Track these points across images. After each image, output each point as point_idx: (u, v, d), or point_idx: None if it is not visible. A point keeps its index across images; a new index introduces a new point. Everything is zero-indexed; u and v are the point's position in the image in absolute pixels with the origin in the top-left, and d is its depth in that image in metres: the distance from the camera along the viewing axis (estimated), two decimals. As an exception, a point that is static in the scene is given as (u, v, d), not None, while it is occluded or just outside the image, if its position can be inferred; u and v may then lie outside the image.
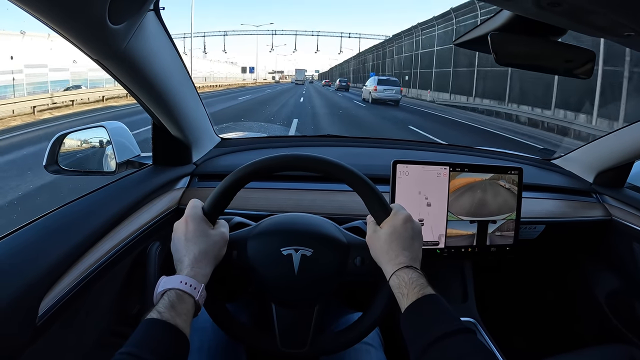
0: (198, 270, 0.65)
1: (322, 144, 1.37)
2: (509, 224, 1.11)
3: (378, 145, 1.43)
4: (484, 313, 1.26)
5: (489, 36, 0.87)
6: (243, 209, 1.05)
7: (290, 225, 0.79)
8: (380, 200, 0.73)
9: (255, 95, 24.78)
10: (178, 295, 0.61)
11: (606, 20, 0.64)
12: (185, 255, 0.67)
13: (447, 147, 1.50)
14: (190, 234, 0.68)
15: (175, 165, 1.13)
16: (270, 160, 0.74)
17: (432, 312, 0.61)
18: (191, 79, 1.08)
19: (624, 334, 1.30)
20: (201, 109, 1.17)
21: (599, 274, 1.43)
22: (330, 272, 0.76)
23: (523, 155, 1.52)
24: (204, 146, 1.24)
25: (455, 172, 1.05)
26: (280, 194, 1.12)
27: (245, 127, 3.61)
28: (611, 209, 1.34)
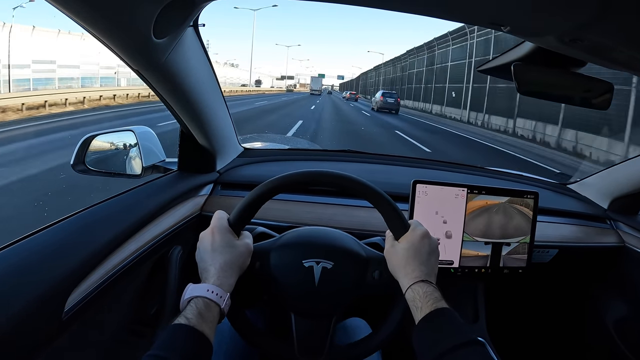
0: (224, 280, 0.67)
1: (342, 159, 1.39)
2: (522, 247, 1.12)
3: (396, 162, 1.45)
4: (494, 334, 1.27)
5: (512, 66, 0.89)
6: (264, 219, 1.07)
7: (312, 238, 0.82)
8: (399, 216, 0.75)
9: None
10: (205, 303, 0.63)
11: (626, 56, 0.66)
12: (211, 264, 0.69)
13: (465, 167, 1.52)
14: (217, 245, 0.71)
15: (199, 172, 1.16)
16: (296, 176, 0.76)
17: (444, 325, 0.63)
18: (221, 90, 1.11)
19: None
20: (228, 118, 1.20)
21: (610, 301, 1.43)
22: (349, 285, 0.78)
23: (540, 178, 1.53)
24: (228, 155, 1.27)
25: (473, 194, 1.07)
26: (301, 206, 1.15)
27: (268, 138, 3.64)
28: (625, 236, 1.35)
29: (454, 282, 1.24)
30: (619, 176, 1.37)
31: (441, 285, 1.11)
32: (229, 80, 52.52)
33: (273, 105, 23.56)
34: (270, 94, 47.56)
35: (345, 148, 1.58)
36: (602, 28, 0.57)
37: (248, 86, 63.32)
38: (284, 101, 30.50)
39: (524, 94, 0.96)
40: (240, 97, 33.94)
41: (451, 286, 1.28)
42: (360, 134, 12.53)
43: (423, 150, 10.09)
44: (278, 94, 50.20)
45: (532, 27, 0.65)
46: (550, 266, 1.27)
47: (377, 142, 11.00)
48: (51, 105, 13.56)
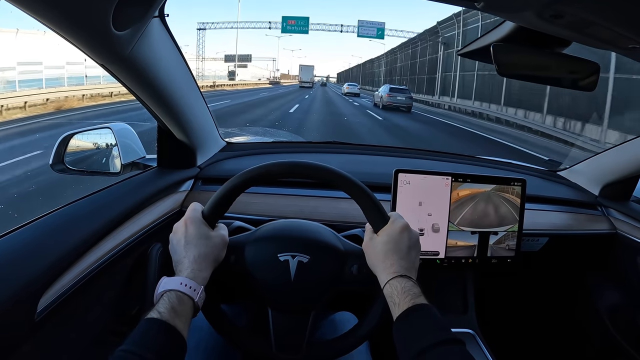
0: (198, 273, 0.66)
1: (327, 150, 1.37)
2: (510, 236, 1.10)
3: (382, 152, 1.43)
4: (484, 325, 1.25)
5: (492, 47, 0.86)
6: (245, 213, 1.05)
7: (287, 231, 0.80)
8: (377, 208, 0.73)
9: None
10: (178, 296, 0.61)
11: (610, 32, 0.63)
12: (185, 257, 0.67)
13: (451, 156, 1.50)
14: (190, 236, 0.69)
15: (179, 168, 1.14)
16: (269, 167, 0.74)
17: (422, 322, 0.61)
18: (196, 83, 1.09)
19: (626, 350, 1.28)
20: (206, 112, 1.18)
21: (603, 288, 1.41)
22: (327, 279, 0.76)
23: (528, 166, 1.51)
24: (209, 150, 1.25)
25: (458, 183, 1.04)
26: (282, 199, 1.12)
27: (251, 132, 3.60)
28: (616, 223, 1.33)
29: (441, 274, 1.22)
30: (609, 162, 1.34)
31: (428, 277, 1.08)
32: (213, 73, 45.65)
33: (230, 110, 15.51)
34: (242, 90, 35.91)
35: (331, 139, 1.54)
36: (581, 1, 0.55)
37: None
38: (248, 102, 19.85)
39: (505, 76, 0.93)
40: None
41: (438, 278, 1.26)
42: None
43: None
44: (255, 90, 37.87)
45: (507, 1, 0.62)
46: (540, 255, 1.25)
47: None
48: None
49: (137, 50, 0.74)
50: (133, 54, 0.74)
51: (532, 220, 1.18)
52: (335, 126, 12.05)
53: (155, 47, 0.81)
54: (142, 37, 0.74)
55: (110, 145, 1.28)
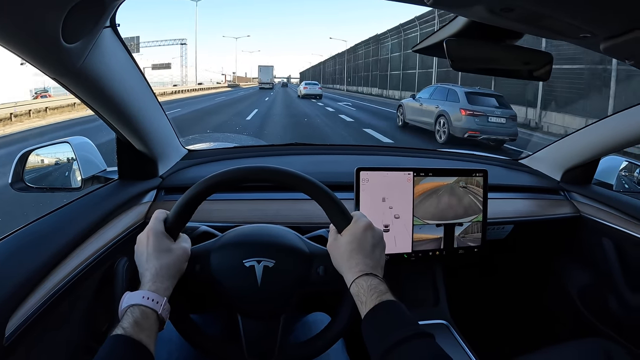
0: (160, 285, 0.65)
1: (289, 152, 1.37)
2: (475, 226, 1.12)
3: (344, 151, 1.44)
4: (457, 315, 1.27)
5: (444, 42, 0.87)
6: (209, 220, 1.04)
7: (251, 236, 0.79)
8: (339, 208, 0.73)
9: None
10: (141, 310, 0.61)
11: (560, 23, 0.65)
12: (147, 269, 0.67)
13: (413, 151, 1.51)
14: (151, 249, 0.68)
15: (141, 179, 1.12)
16: (228, 174, 0.73)
17: (389, 319, 0.62)
18: (153, 92, 1.07)
19: (598, 328, 1.32)
20: (165, 121, 1.17)
21: (570, 270, 1.45)
22: (293, 282, 0.76)
23: (490, 156, 1.54)
24: (170, 159, 1.24)
25: (420, 177, 1.06)
26: (246, 204, 1.12)
27: (212, 138, 3.51)
28: (579, 206, 1.37)
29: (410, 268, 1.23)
30: (569, 148, 1.38)
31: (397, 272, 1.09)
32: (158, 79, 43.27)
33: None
34: (194, 97, 28.58)
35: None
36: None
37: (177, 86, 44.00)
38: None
39: (459, 70, 0.94)
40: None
41: (408, 272, 1.28)
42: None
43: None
44: (209, 95, 31.24)
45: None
46: (507, 242, 1.28)
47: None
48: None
49: (89, 62, 0.73)
50: (85, 66, 0.72)
51: (497, 209, 1.20)
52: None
53: (108, 58, 0.80)
54: (94, 49, 0.73)
55: (70, 159, 1.25)
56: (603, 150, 1.30)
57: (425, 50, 1.03)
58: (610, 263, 1.28)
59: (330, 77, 62.13)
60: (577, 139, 1.36)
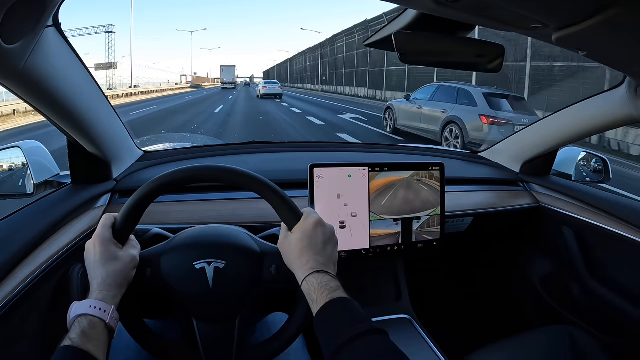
0: (107, 293, 0.64)
1: (245, 151, 1.35)
2: (434, 220, 1.12)
3: (301, 149, 1.43)
4: (420, 308, 1.27)
5: (393, 35, 0.87)
6: (165, 223, 1.02)
7: (202, 238, 0.78)
8: (288, 205, 0.72)
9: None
10: (89, 320, 0.60)
11: (509, 14, 0.64)
12: (94, 278, 0.66)
13: (371, 146, 1.51)
14: (98, 257, 0.67)
15: (94, 183, 1.09)
16: (172, 175, 0.72)
17: (340, 316, 0.61)
18: (103, 92, 1.04)
19: (563, 315, 1.35)
20: (117, 122, 1.13)
21: (532, 259, 1.47)
22: (246, 283, 0.75)
23: (450, 149, 1.55)
24: (124, 161, 1.21)
25: (375, 172, 1.05)
26: (202, 205, 1.10)
27: (168, 139, 3.41)
28: (539, 196, 1.39)
29: (371, 263, 1.23)
30: (527, 140, 1.40)
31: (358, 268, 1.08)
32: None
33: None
34: (165, 96, 29.06)
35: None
36: None
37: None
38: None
39: (409, 63, 0.94)
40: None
41: (369, 267, 1.27)
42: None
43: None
44: (178, 95, 31.56)
45: None
46: (468, 234, 1.29)
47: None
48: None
49: (31, 62, 0.69)
50: (28, 67, 0.69)
51: (456, 202, 1.21)
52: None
53: (51, 58, 0.76)
54: (36, 49, 0.70)
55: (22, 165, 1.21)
56: (561, 142, 1.32)
57: (377, 44, 1.02)
58: (571, 251, 1.30)
59: (300, 75, 55.97)
60: (535, 131, 1.38)
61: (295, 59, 61.27)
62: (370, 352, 0.56)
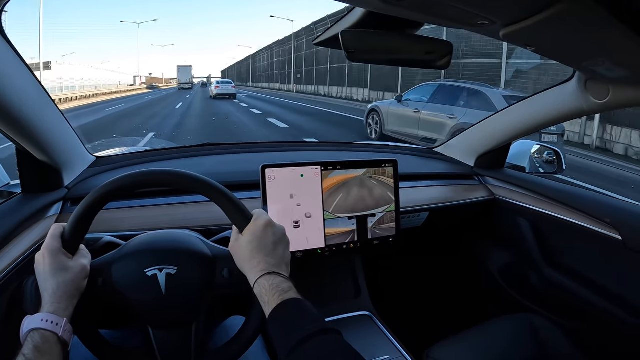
0: (58, 305, 0.63)
1: (200, 153, 1.33)
2: (389, 216, 1.13)
3: (256, 149, 1.42)
4: (381, 305, 1.28)
5: (340, 34, 0.86)
6: (118, 230, 0.99)
7: (152, 244, 0.76)
8: (237, 207, 0.71)
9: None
10: (41, 334, 0.59)
11: (456, 11, 0.64)
12: (45, 290, 0.65)
13: (326, 145, 1.52)
14: (48, 268, 0.66)
15: (45, 191, 1.05)
16: (121, 181, 0.70)
17: (291, 318, 0.61)
18: (50, 97, 1.00)
19: (522, 304, 1.39)
20: (66, 127, 1.09)
21: (490, 251, 1.51)
22: (199, 288, 0.74)
23: (405, 146, 1.57)
24: (76, 168, 1.16)
25: (328, 171, 1.05)
26: (156, 210, 1.07)
27: (120, 143, 3.30)
28: (493, 189, 1.42)
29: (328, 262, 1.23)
30: (481, 134, 1.43)
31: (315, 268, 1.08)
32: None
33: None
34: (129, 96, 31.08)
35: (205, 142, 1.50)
36: None
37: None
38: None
39: (357, 61, 0.94)
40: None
41: (326, 266, 1.27)
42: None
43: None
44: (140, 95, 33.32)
45: None
46: (425, 229, 1.31)
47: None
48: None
49: None
50: None
51: (411, 198, 1.23)
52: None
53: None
54: None
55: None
56: (514, 135, 1.36)
57: (326, 43, 1.02)
58: (527, 241, 1.34)
59: (265, 73, 49.45)
60: (488, 126, 1.41)
61: (259, 55, 54.24)
62: (322, 352, 0.56)
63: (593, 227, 1.13)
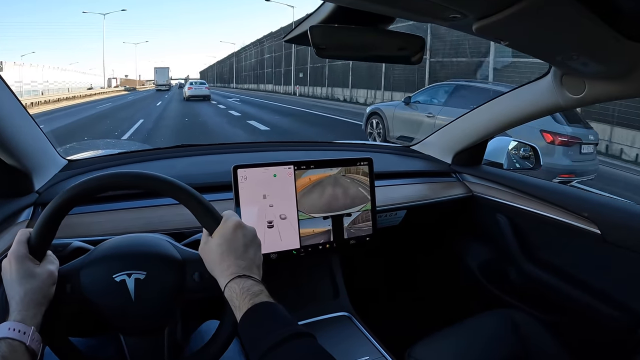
0: (26, 313, 0.61)
1: (174, 154, 1.30)
2: (365, 215, 1.12)
3: (230, 150, 1.39)
4: (360, 305, 1.27)
5: (308, 30, 0.85)
6: (88, 235, 0.96)
7: (120, 248, 0.74)
8: (205, 209, 0.69)
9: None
10: (8, 344, 0.57)
11: (427, 4, 0.63)
12: (12, 297, 0.63)
13: (301, 144, 1.50)
14: (14, 275, 0.64)
15: (15, 196, 1.01)
16: (86, 184, 0.68)
17: (262, 322, 0.59)
18: (18, 99, 0.96)
19: (503, 299, 1.39)
20: (35, 130, 1.06)
21: (469, 247, 1.51)
22: (169, 292, 0.71)
23: (379, 144, 1.57)
24: (47, 171, 1.12)
25: (301, 170, 1.03)
26: (128, 214, 1.04)
27: (92, 146, 3.23)
28: (471, 186, 1.43)
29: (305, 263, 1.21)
30: (457, 132, 1.43)
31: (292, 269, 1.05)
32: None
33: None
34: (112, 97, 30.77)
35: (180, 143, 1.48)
36: None
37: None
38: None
39: (326, 57, 0.92)
40: None
41: (303, 267, 1.26)
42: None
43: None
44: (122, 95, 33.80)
45: None
46: (403, 227, 1.30)
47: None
48: None
49: None
50: None
51: (388, 196, 1.22)
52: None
53: None
54: None
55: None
56: (491, 132, 1.36)
57: (296, 39, 1.00)
58: (506, 237, 1.34)
59: (252, 72, 43.18)
60: (464, 123, 1.41)
61: (245, 52, 47.89)
62: (295, 357, 0.54)
63: (572, 222, 1.13)
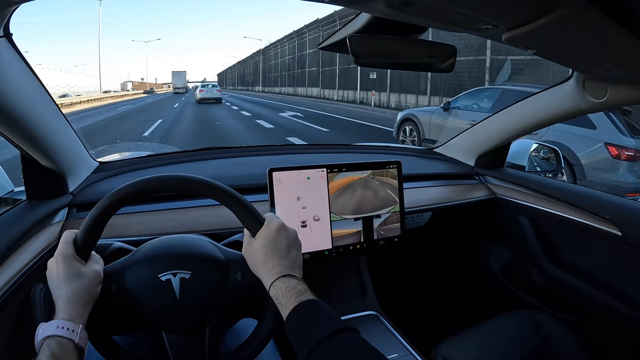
0: (73, 312, 0.63)
1: (203, 157, 1.34)
2: (394, 217, 1.15)
3: (259, 152, 1.42)
4: (386, 304, 1.30)
5: (347, 39, 0.88)
6: (126, 235, 0.99)
7: (165, 249, 0.77)
8: (250, 211, 0.72)
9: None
10: (57, 341, 0.59)
11: (460, 16, 0.66)
12: (59, 297, 0.65)
13: (328, 147, 1.53)
14: (62, 275, 0.66)
15: (50, 197, 1.05)
16: (132, 187, 0.70)
17: (309, 318, 0.62)
18: (56, 104, 1.00)
19: (525, 300, 1.41)
20: (71, 133, 1.10)
21: (492, 249, 1.53)
22: (212, 291, 0.74)
23: (406, 147, 1.60)
24: (80, 173, 1.17)
25: (334, 173, 1.07)
26: (162, 215, 1.07)
27: (123, 148, 3.24)
28: (494, 188, 1.44)
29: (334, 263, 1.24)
30: (480, 134, 1.45)
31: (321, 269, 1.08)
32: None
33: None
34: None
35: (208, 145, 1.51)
36: None
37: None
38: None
39: (363, 66, 0.95)
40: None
41: (332, 267, 1.29)
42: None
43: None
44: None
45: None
46: (428, 228, 1.32)
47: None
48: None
49: None
50: None
51: (414, 198, 1.24)
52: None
53: (3, 70, 0.74)
54: None
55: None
56: (513, 135, 1.38)
57: (331, 47, 1.03)
58: (528, 238, 1.36)
59: (287, 72, 37.04)
60: (487, 126, 1.43)
61: (276, 48, 42.09)
62: (343, 350, 0.57)
63: (593, 224, 1.15)
